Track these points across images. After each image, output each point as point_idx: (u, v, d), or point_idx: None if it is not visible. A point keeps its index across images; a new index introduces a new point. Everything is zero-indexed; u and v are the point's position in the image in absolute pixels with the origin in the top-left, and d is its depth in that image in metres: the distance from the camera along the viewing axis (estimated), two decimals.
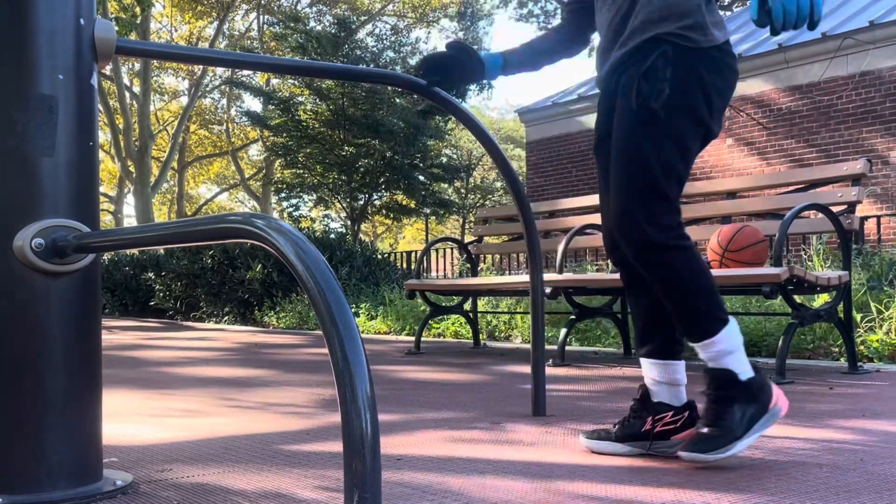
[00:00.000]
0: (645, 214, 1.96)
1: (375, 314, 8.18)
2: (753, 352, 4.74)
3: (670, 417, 2.05)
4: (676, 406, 2.08)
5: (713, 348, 1.96)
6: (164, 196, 36.95)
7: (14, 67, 1.68)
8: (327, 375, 4.07)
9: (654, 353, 2.09)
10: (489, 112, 45.41)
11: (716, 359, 1.97)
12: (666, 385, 2.08)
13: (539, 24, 29.35)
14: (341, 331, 1.04)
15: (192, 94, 27.11)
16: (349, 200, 14.50)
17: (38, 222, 1.67)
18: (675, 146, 1.99)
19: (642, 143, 1.99)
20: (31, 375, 1.67)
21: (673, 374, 2.08)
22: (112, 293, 13.28)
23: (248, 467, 1.98)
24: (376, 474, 1.01)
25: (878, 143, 10.08)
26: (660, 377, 2.08)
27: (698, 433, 1.93)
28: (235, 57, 2.34)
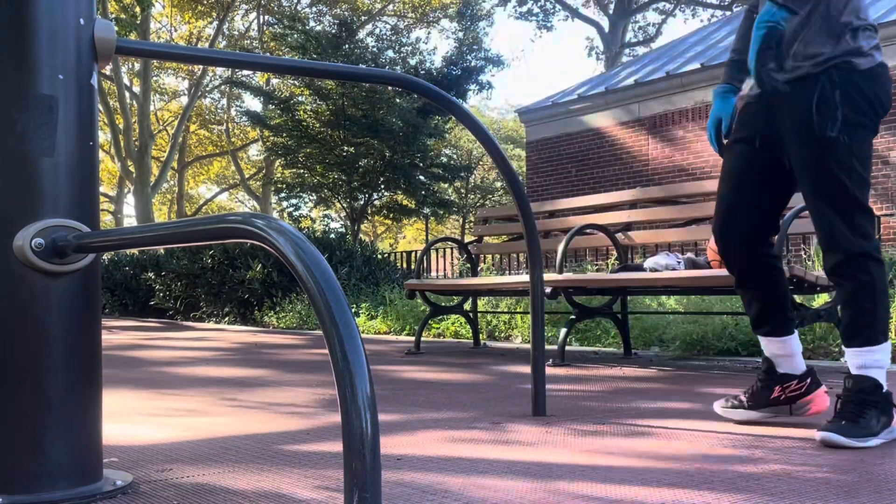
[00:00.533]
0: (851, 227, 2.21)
1: (375, 314, 8.19)
2: (753, 351, 4.74)
3: (796, 384, 2.40)
4: (799, 374, 2.41)
5: (872, 357, 2.19)
6: (164, 196, 36.95)
7: (14, 67, 1.68)
8: (327, 375, 4.07)
9: (772, 332, 2.43)
10: (489, 112, 45.40)
11: (867, 366, 2.19)
12: (786, 357, 2.41)
13: (538, 22, 29.34)
14: (341, 331, 1.04)
15: (192, 94, 27.11)
16: (349, 200, 14.51)
17: (38, 222, 1.67)
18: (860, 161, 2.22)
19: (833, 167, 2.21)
20: (31, 375, 1.67)
21: (791, 347, 2.42)
22: (112, 293, 13.28)
23: (248, 467, 1.98)
24: (376, 474, 1.01)
25: (878, 143, 10.08)
26: (780, 351, 2.42)
27: (840, 422, 2.15)
28: (235, 57, 2.34)
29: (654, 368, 4.21)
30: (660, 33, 29.80)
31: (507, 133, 38.12)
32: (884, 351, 2.20)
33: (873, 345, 2.18)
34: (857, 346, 2.20)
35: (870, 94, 2.21)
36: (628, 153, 12.86)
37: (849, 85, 2.20)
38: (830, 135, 2.19)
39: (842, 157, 2.20)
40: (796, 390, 2.40)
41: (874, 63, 2.22)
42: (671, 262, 4.14)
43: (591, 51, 30.88)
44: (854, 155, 2.21)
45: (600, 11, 29.02)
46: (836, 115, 2.19)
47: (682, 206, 4.64)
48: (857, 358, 2.20)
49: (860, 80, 2.20)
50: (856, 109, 2.20)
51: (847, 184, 2.20)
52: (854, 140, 2.20)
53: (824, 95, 2.20)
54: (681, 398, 3.09)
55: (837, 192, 2.21)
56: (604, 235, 4.91)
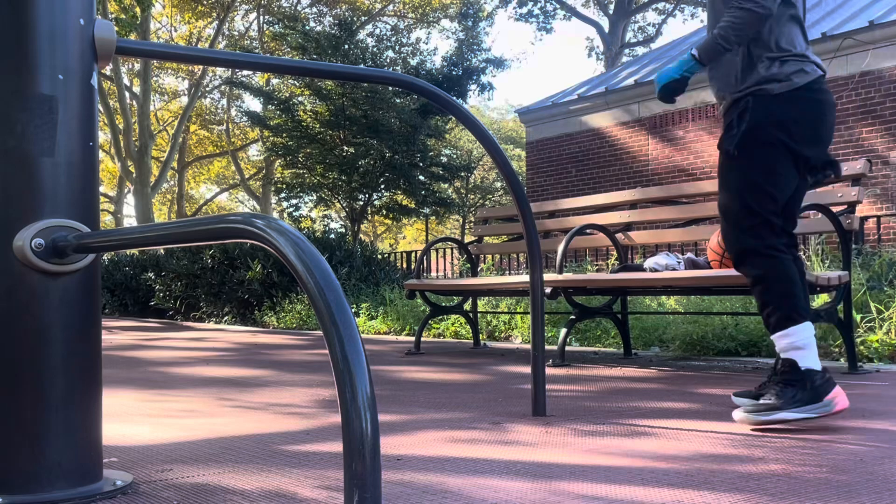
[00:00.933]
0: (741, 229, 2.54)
1: (375, 314, 8.18)
2: (753, 352, 4.74)
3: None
4: None
5: (784, 339, 2.42)
6: (164, 196, 36.95)
7: (14, 67, 1.68)
8: (327, 375, 4.07)
9: None
10: (489, 112, 45.41)
11: (784, 350, 2.42)
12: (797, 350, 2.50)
13: (538, 23, 29.35)
14: (341, 331, 1.04)
15: (192, 94, 27.11)
16: (349, 200, 14.51)
17: (38, 222, 1.67)
18: (759, 174, 2.52)
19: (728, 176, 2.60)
20: (31, 375, 1.67)
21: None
22: (112, 293, 13.28)
23: (248, 467, 1.98)
24: (376, 474, 1.01)
25: (878, 143, 10.09)
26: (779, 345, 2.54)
27: (756, 402, 2.40)
28: (235, 57, 2.34)
29: (653, 369, 4.21)
30: (660, 33, 29.80)
31: (507, 133, 38.12)
32: (795, 333, 2.40)
33: (782, 329, 2.42)
34: (773, 332, 2.45)
35: (782, 115, 2.51)
36: (628, 153, 12.86)
37: (759, 109, 2.52)
38: (727, 150, 2.56)
39: (738, 170, 2.55)
40: None
41: (791, 87, 2.51)
42: (671, 262, 4.14)
43: (591, 51, 30.89)
44: (752, 170, 2.53)
45: (600, 11, 29.03)
46: (734, 134, 2.55)
47: (682, 206, 4.64)
48: (777, 343, 2.45)
49: (772, 103, 2.52)
50: (756, 130, 2.52)
51: (740, 192, 2.53)
52: (751, 158, 2.53)
53: (733, 117, 2.58)
54: (681, 398, 3.09)
55: (731, 198, 2.55)
56: (604, 235, 4.91)
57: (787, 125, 2.50)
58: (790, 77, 2.51)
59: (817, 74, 2.55)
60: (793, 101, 2.51)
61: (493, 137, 2.70)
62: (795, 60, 2.53)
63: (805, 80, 2.52)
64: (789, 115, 2.50)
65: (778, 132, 2.50)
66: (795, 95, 2.51)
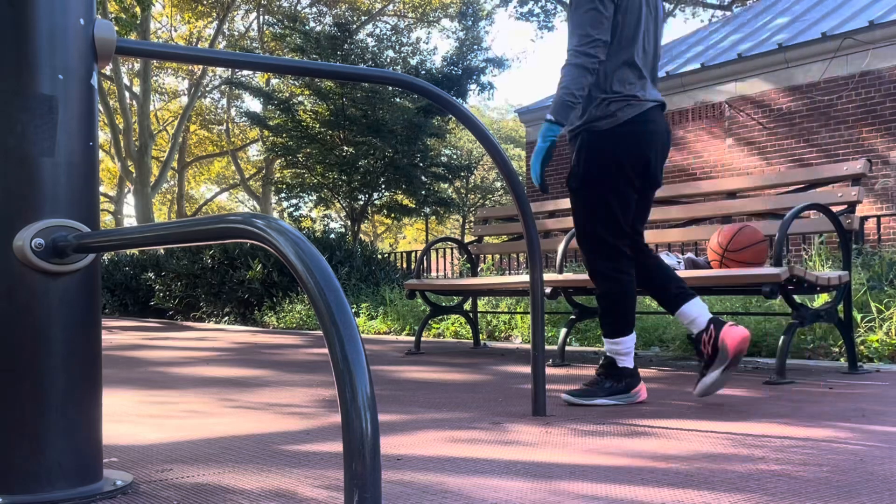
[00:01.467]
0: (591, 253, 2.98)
1: (375, 314, 8.18)
2: (753, 352, 4.74)
3: (706, 335, 2.85)
4: (704, 326, 2.86)
5: (613, 346, 2.94)
6: (164, 196, 36.95)
7: (14, 67, 1.68)
8: (327, 375, 4.07)
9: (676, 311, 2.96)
10: (489, 112, 45.42)
11: (612, 351, 2.95)
12: (691, 321, 2.89)
13: (539, 22, 29.36)
14: (341, 331, 1.04)
15: (192, 94, 27.11)
16: (349, 200, 14.50)
17: (38, 222, 1.67)
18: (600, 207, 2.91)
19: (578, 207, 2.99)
20: (31, 375, 1.67)
21: (690, 315, 2.88)
22: (112, 293, 13.28)
23: (249, 467, 1.98)
24: (376, 474, 1.01)
25: (878, 143, 10.09)
26: (686, 319, 2.91)
27: (581, 387, 2.96)
28: (235, 57, 2.34)
29: (653, 368, 4.20)
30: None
31: (507, 133, 38.13)
32: (623, 343, 2.92)
33: (615, 337, 2.93)
34: (606, 337, 2.96)
35: (611, 148, 2.86)
36: None
37: (592, 144, 2.88)
38: (572, 186, 2.93)
39: (583, 203, 2.94)
40: (709, 338, 2.86)
41: (616, 122, 2.85)
42: (671, 262, 4.14)
43: None
44: (595, 201, 2.91)
45: None
46: (576, 171, 2.92)
47: (682, 206, 4.64)
48: (606, 344, 2.96)
49: (601, 139, 2.87)
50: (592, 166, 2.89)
51: (588, 222, 2.94)
52: (592, 190, 2.90)
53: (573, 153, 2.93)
54: (681, 398, 3.09)
55: (581, 227, 2.97)
56: None
57: (617, 156, 2.85)
58: (615, 113, 2.85)
59: (645, 108, 2.87)
60: (620, 135, 2.85)
61: (493, 137, 2.70)
62: (621, 99, 2.87)
63: (630, 114, 2.86)
64: (618, 148, 2.86)
65: (610, 164, 2.86)
66: (621, 129, 2.85)
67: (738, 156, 11.45)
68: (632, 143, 2.86)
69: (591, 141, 2.87)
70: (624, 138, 2.86)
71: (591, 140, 2.87)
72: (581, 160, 2.90)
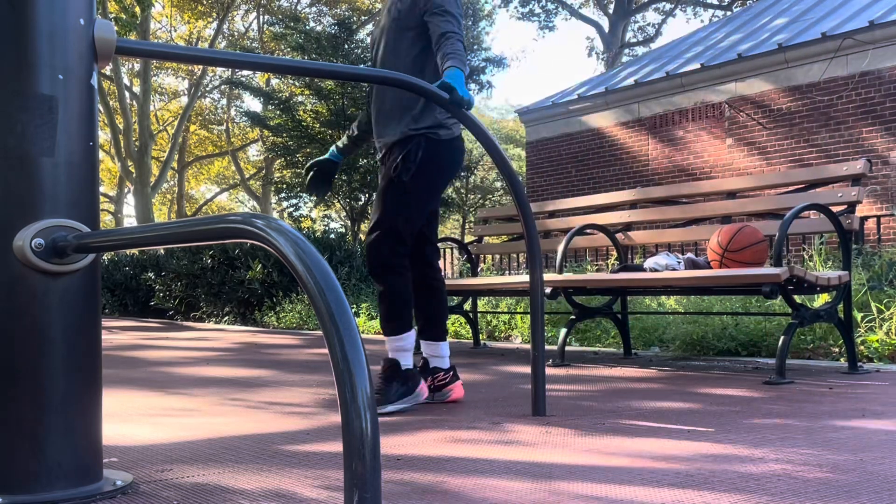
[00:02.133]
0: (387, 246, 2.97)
1: (375, 314, 8.18)
2: (753, 352, 4.74)
3: (442, 375, 3.06)
4: (445, 368, 3.07)
5: (397, 343, 2.95)
6: (164, 196, 36.94)
7: (14, 67, 1.68)
8: (327, 375, 4.07)
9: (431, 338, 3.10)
10: (489, 112, 45.40)
11: (392, 351, 2.95)
12: (438, 357, 3.08)
13: (540, 22, 29.34)
14: (341, 331, 1.04)
15: (192, 94, 27.10)
16: (349, 200, 14.50)
17: (38, 222, 1.67)
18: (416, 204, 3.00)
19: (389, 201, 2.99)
20: (31, 375, 1.67)
21: (441, 350, 3.09)
22: (112, 293, 13.28)
23: (249, 467, 1.98)
24: (376, 474, 1.01)
25: (878, 143, 10.09)
26: (433, 352, 3.08)
27: None
28: (235, 57, 2.34)
29: (653, 369, 4.21)
30: (660, 33, 29.79)
31: (507, 133, 38.11)
32: (406, 339, 2.95)
33: (398, 334, 2.94)
34: (389, 336, 2.96)
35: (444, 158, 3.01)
36: (628, 153, 12.86)
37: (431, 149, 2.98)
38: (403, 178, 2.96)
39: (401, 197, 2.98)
40: (443, 379, 3.04)
41: (452, 136, 3.03)
42: (671, 262, 4.14)
43: (590, 51, 30.88)
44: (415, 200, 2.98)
45: (600, 11, 29.03)
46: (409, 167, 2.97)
47: (682, 206, 4.64)
48: (390, 344, 2.96)
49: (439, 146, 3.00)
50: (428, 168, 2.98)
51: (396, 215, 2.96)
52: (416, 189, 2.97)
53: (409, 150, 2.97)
54: (681, 398, 3.09)
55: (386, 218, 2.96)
56: (604, 235, 4.91)
57: (443, 167, 3.02)
58: (452, 127, 3.02)
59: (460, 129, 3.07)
60: (455, 148, 3.04)
61: (493, 137, 2.70)
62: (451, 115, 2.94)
63: (458, 131, 3.06)
64: (452, 158, 3.03)
65: (437, 171, 3.01)
66: (454, 144, 3.04)
67: (738, 156, 11.45)
68: (459, 158, 3.08)
69: (430, 147, 2.97)
70: (458, 151, 3.06)
71: (431, 146, 2.98)
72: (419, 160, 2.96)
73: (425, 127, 2.99)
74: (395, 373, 2.89)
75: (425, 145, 2.98)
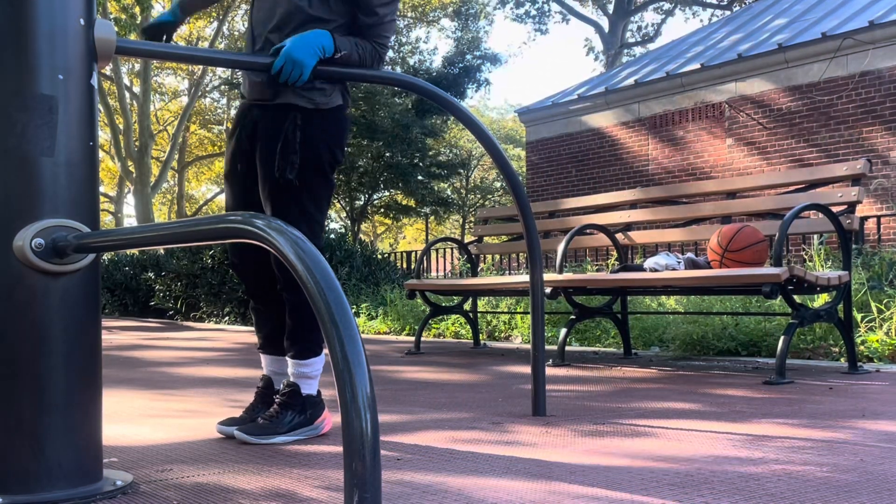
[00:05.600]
0: None
1: (375, 314, 8.18)
2: (753, 352, 4.74)
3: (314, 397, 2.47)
4: (313, 393, 2.48)
5: (301, 368, 2.41)
6: (164, 196, 36.94)
7: (14, 67, 1.68)
8: (327, 375, 4.07)
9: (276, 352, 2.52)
10: (488, 112, 45.40)
11: (297, 375, 2.41)
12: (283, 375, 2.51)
13: (534, 23, 29.36)
14: (341, 331, 1.04)
15: (192, 94, 27.10)
16: (349, 200, 14.50)
17: (38, 222, 1.67)
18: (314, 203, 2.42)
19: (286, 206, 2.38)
20: (31, 375, 1.67)
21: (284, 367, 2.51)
22: (112, 293, 13.28)
23: (248, 467, 1.98)
24: (376, 474, 1.01)
25: (878, 143, 10.09)
26: (279, 369, 2.52)
27: (257, 421, 2.37)
28: (235, 57, 2.34)
29: (654, 368, 4.21)
30: (659, 33, 29.79)
31: (507, 133, 38.12)
32: (314, 364, 2.41)
33: (304, 359, 2.40)
34: (294, 359, 2.41)
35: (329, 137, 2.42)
36: (628, 153, 12.86)
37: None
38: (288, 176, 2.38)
39: (316, 191, 2.42)
40: (313, 407, 2.45)
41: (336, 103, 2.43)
42: (671, 262, 4.14)
43: (590, 51, 30.88)
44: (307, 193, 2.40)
45: (598, 10, 29.04)
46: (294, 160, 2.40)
47: (682, 206, 4.64)
48: (292, 368, 2.41)
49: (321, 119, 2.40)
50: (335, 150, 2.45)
51: (318, 212, 2.43)
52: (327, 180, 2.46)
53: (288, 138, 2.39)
54: (681, 398, 3.09)
55: (311, 218, 2.41)
56: (604, 235, 4.91)
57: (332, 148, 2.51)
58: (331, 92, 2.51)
59: None
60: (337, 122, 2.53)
61: (493, 137, 2.70)
62: None
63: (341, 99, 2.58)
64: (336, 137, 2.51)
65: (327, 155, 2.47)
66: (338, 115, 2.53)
67: (738, 156, 11.46)
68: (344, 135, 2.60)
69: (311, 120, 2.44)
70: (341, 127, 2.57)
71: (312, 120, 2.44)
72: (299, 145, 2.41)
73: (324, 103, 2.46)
74: (291, 399, 2.39)
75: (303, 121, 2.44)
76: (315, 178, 2.38)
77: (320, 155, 2.38)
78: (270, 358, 2.53)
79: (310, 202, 2.38)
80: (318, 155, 2.37)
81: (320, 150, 2.38)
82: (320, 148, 2.38)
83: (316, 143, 2.37)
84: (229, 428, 2.41)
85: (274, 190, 2.36)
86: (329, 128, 2.40)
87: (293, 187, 2.35)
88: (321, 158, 2.38)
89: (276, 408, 2.37)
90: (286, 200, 2.35)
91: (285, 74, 2.25)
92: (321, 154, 2.38)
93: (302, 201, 2.37)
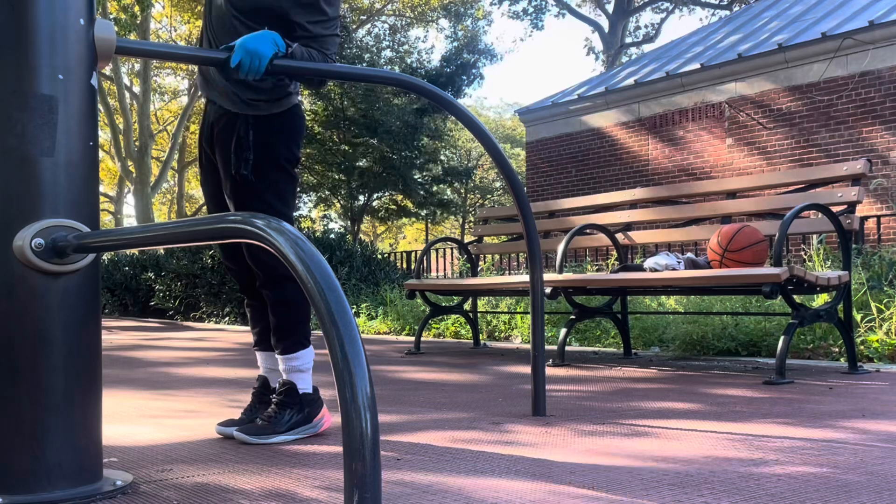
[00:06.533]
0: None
1: (375, 314, 8.18)
2: (753, 352, 4.74)
3: (311, 395, 2.48)
4: (309, 391, 2.49)
5: (291, 362, 2.42)
6: (164, 196, 36.94)
7: (14, 67, 1.68)
8: (327, 375, 4.07)
9: (270, 349, 2.54)
10: (486, 111, 45.40)
11: (289, 371, 2.42)
12: (278, 372, 2.53)
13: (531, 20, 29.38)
14: (341, 331, 1.04)
15: (192, 93, 27.09)
16: (348, 200, 14.51)
17: (38, 222, 1.67)
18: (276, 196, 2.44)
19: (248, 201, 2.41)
20: (31, 375, 1.67)
21: (276, 364, 2.53)
22: (112, 293, 13.28)
23: (248, 467, 1.98)
24: (376, 474, 1.01)
25: (878, 143, 10.09)
26: (274, 365, 2.55)
27: (255, 422, 2.39)
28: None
29: (653, 368, 4.21)
30: (659, 33, 29.80)
31: (506, 133, 38.12)
32: (303, 357, 2.43)
33: (292, 352, 2.41)
34: (283, 355, 2.42)
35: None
36: (628, 153, 12.86)
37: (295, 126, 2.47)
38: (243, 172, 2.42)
39: (283, 186, 2.45)
40: (313, 406, 2.47)
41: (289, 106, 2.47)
42: (671, 262, 4.14)
43: (590, 51, 30.89)
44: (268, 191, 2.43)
45: (598, 9, 29.05)
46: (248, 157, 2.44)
47: (682, 206, 4.64)
48: (283, 364, 2.43)
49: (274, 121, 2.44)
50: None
51: (287, 208, 2.47)
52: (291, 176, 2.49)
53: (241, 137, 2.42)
54: (681, 398, 3.09)
55: (280, 215, 2.43)
56: (604, 235, 4.91)
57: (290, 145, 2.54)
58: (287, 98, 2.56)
59: None
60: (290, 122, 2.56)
61: (493, 137, 2.70)
62: None
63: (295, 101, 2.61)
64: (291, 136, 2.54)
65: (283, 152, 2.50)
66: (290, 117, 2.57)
67: (738, 156, 11.45)
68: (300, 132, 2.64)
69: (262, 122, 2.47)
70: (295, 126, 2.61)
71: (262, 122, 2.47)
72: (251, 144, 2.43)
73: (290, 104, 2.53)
74: (288, 398, 2.40)
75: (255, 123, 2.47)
76: (274, 174, 2.42)
77: (276, 151, 2.41)
78: (265, 354, 2.56)
79: (272, 197, 2.41)
80: (273, 151, 2.41)
81: (276, 147, 2.41)
82: (275, 144, 2.41)
83: (271, 140, 2.40)
84: (229, 429, 2.42)
85: (234, 187, 2.40)
86: (283, 125, 2.43)
87: (251, 183, 2.38)
88: (277, 154, 2.41)
89: (274, 408, 2.39)
90: (247, 196, 2.39)
91: (244, 67, 2.22)
92: (277, 150, 2.41)
93: (263, 197, 2.40)
